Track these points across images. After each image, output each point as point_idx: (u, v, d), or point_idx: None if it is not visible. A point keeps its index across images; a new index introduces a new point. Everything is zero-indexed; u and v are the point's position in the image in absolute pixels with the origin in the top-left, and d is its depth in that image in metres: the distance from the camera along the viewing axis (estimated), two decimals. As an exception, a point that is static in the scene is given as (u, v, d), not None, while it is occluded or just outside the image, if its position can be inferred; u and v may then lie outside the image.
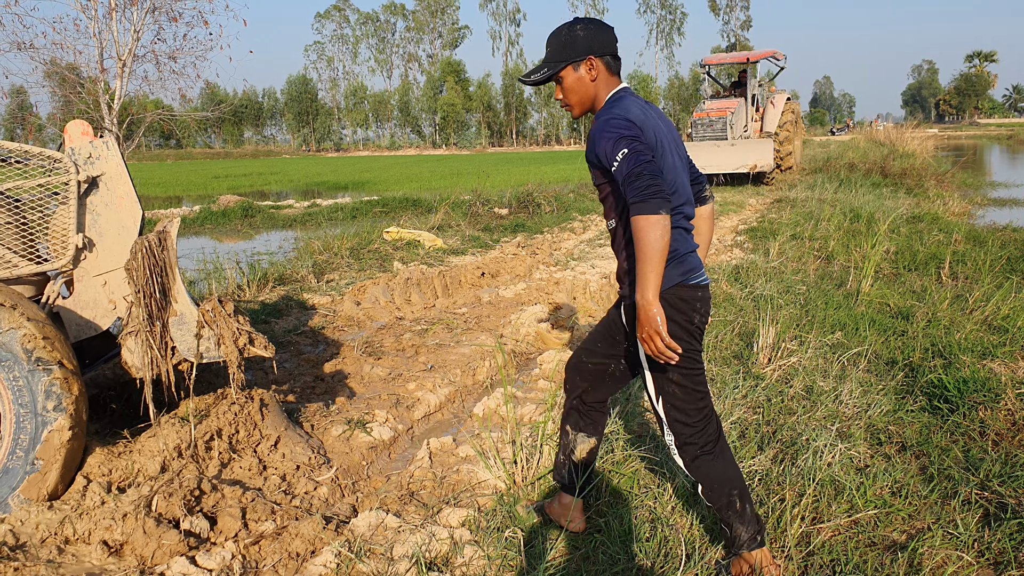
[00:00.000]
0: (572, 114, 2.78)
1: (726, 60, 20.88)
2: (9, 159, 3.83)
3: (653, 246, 2.29)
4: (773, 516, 3.11)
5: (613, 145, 2.42)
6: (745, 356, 5.15)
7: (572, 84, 2.68)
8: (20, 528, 3.05)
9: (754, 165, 17.62)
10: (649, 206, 2.29)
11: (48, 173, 3.77)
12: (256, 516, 3.21)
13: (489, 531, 3.03)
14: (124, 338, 3.59)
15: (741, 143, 17.89)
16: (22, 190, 3.82)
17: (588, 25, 2.65)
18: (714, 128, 18.44)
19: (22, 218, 3.81)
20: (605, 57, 2.66)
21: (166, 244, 3.32)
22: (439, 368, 5.36)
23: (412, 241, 10.42)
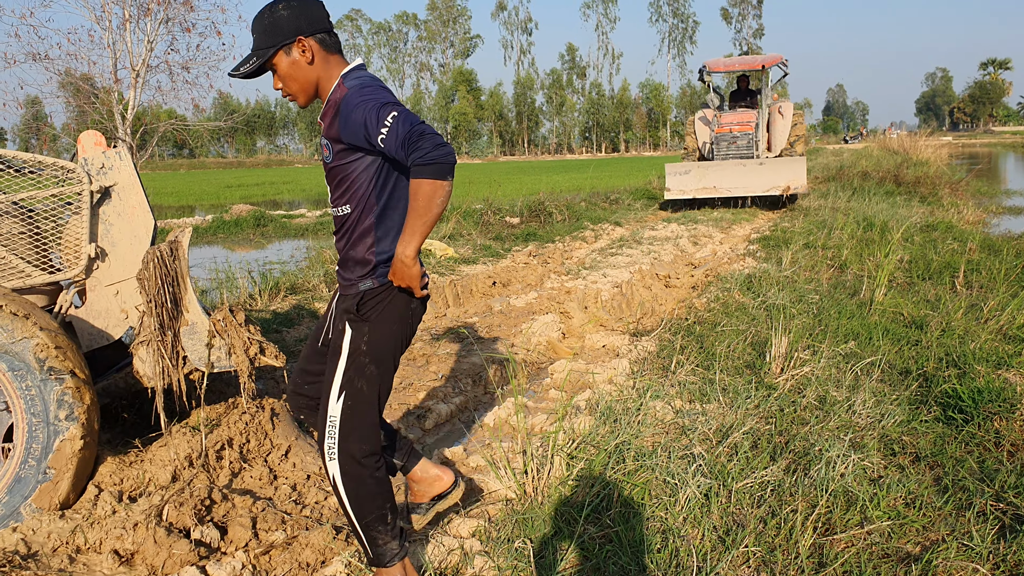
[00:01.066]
0: (298, 103, 2.57)
1: (735, 66, 18.28)
2: (23, 169, 3.85)
3: (433, 211, 2.24)
4: (785, 527, 3.08)
5: (377, 113, 2.26)
6: (757, 366, 5.12)
7: (287, 70, 2.47)
8: (32, 537, 3.06)
9: (787, 187, 15.22)
10: (439, 170, 2.20)
11: (61, 183, 3.80)
12: (267, 526, 3.21)
13: (500, 541, 3.02)
14: (136, 348, 3.60)
15: (770, 162, 15.64)
16: (36, 200, 3.85)
17: (291, 3, 2.43)
18: (739, 145, 16.44)
19: (35, 228, 3.84)
20: (318, 35, 2.47)
21: (177, 254, 3.33)
22: (450, 377, 5.36)
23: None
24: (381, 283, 2.47)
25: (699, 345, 5.60)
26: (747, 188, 15.59)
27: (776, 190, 15.30)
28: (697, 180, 15.73)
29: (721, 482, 3.43)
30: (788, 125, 17.05)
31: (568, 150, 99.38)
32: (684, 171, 15.87)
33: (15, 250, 3.72)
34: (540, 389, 5.16)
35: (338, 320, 2.55)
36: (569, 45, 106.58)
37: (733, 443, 3.88)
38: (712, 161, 16.25)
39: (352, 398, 2.49)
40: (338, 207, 2.54)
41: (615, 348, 5.92)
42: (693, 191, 15.75)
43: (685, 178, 15.84)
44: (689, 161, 16.93)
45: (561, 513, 3.21)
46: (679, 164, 16.13)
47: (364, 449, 2.52)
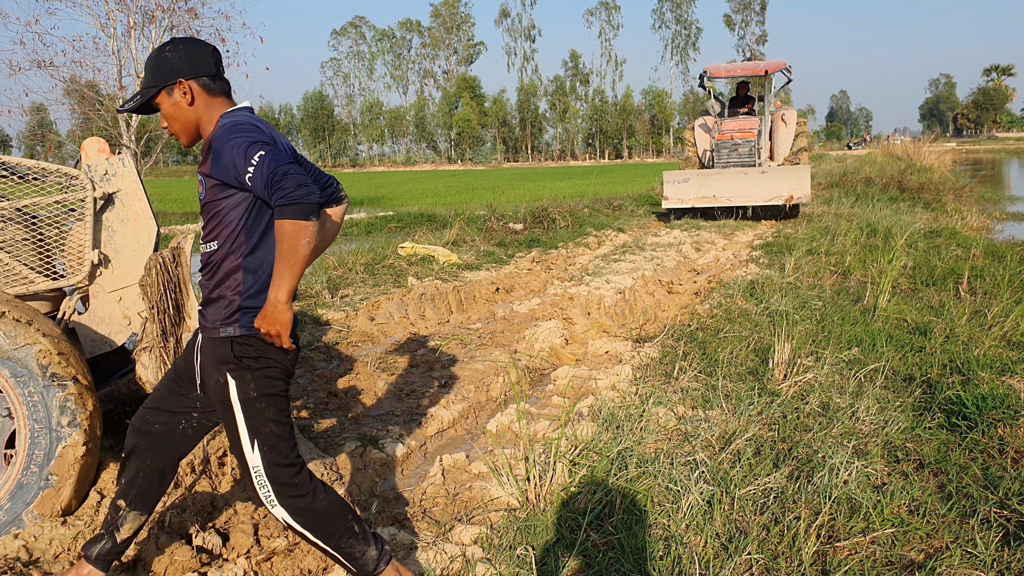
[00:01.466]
0: (182, 143, 2.61)
1: (737, 71, 17.31)
2: (27, 176, 3.86)
3: (300, 253, 2.23)
4: (788, 535, 3.07)
5: (245, 152, 2.29)
6: (760, 372, 5.11)
7: (169, 110, 2.52)
8: (33, 544, 3.06)
9: (790, 196, 14.44)
10: (301, 210, 2.20)
11: (65, 190, 3.81)
12: (268, 532, 3.21)
13: (502, 548, 3.01)
14: (139, 354, 3.60)
15: (773, 170, 14.90)
16: (39, 207, 3.86)
17: (178, 46, 2.51)
18: (740, 153, 15.60)
19: (39, 234, 3.85)
20: (200, 79, 2.50)
21: (180, 260, 3.34)
22: (453, 384, 5.35)
23: (426, 256, 10.45)
24: (248, 331, 2.44)
25: (702, 351, 5.59)
26: (748, 197, 14.92)
27: (778, 200, 14.59)
28: (696, 188, 15.21)
29: (724, 489, 3.42)
30: (791, 133, 16.24)
31: (571, 156, 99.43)
32: (683, 179, 15.34)
33: (19, 256, 3.73)
34: (543, 395, 5.16)
35: (213, 371, 2.50)
36: (572, 52, 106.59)
37: (736, 450, 3.87)
38: (712, 169, 15.63)
39: (266, 442, 2.49)
40: (207, 243, 2.53)
41: (618, 354, 5.91)
42: (692, 200, 15.25)
43: (684, 186, 15.30)
44: (689, 169, 16.35)
45: (563, 520, 3.21)
46: (678, 172, 15.61)
47: (297, 478, 2.52)
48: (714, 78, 16.52)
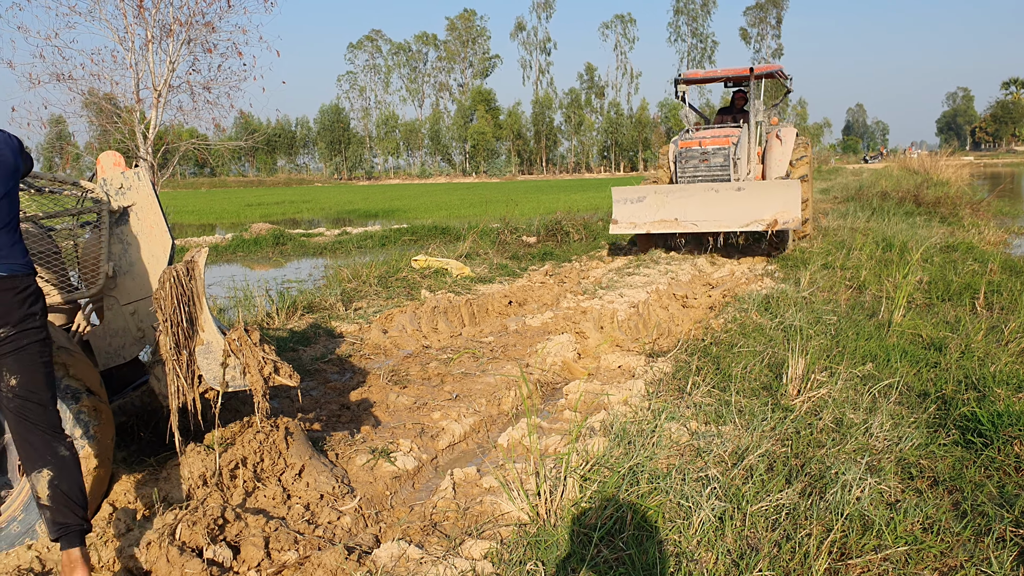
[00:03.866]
0: None
1: (716, 75, 13.92)
2: (42, 189, 3.91)
3: None
4: (800, 552, 3.05)
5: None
6: (774, 387, 5.08)
7: None
8: (46, 555, 3.08)
9: (774, 220, 11.03)
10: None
11: (80, 203, 3.85)
12: (279, 546, 3.21)
13: (512, 564, 3.00)
14: (152, 366, 3.63)
15: (752, 187, 11.40)
16: (55, 219, 3.90)
17: None
18: (710, 163, 12.18)
19: (54, 247, 3.88)
20: None
21: (194, 274, 3.36)
22: (464, 397, 5.36)
23: (440, 269, 10.47)
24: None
25: (715, 366, 5.57)
26: (719, 221, 11.42)
27: (759, 225, 11.14)
28: (654, 209, 11.73)
29: (736, 505, 3.40)
30: (788, 153, 12.96)
31: (586, 169, 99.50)
32: (637, 197, 11.84)
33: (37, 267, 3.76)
34: (554, 410, 5.15)
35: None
36: (588, 65, 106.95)
37: (748, 466, 3.85)
38: (675, 185, 12.15)
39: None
40: None
41: (631, 369, 5.90)
42: (648, 224, 11.75)
43: (638, 207, 11.83)
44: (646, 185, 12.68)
45: (574, 535, 3.20)
46: (630, 188, 12.05)
47: None
48: (689, 82, 13.80)
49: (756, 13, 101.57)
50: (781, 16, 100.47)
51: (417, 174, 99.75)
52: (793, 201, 11.07)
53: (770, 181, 12.01)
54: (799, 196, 11.12)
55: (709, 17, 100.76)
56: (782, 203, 11.12)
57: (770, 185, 11.46)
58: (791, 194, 11.10)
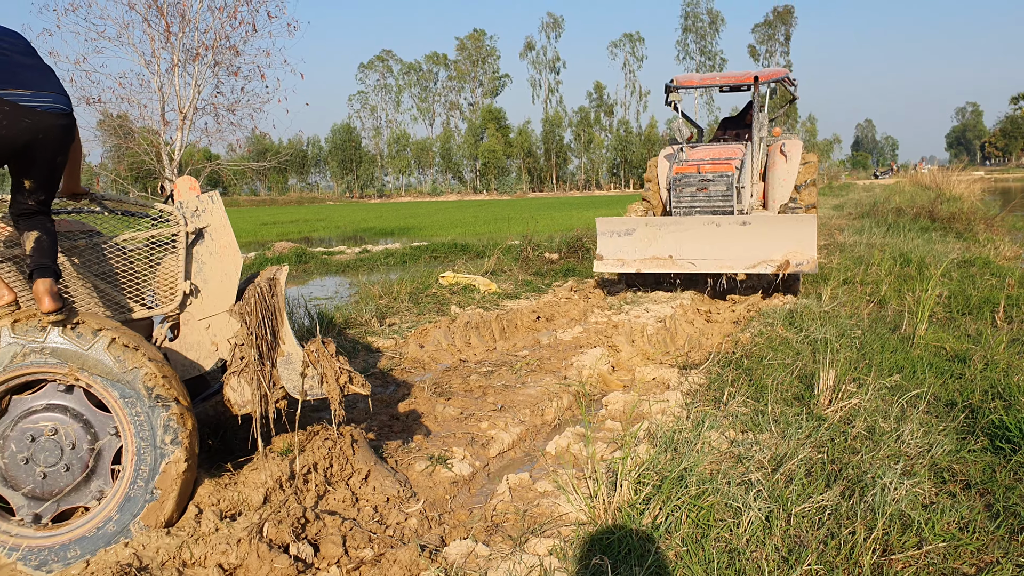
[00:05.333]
0: None
1: (715, 81, 11.81)
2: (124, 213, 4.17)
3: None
4: (845, 548, 3.26)
5: None
6: (806, 398, 5.29)
7: None
8: (142, 552, 3.31)
9: (785, 262, 9.33)
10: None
11: (159, 225, 4.11)
12: (356, 544, 3.44)
13: (576, 559, 3.22)
14: (228, 377, 3.87)
15: (759, 220, 9.62)
16: (135, 241, 4.16)
17: None
18: (710, 192, 10.50)
19: (134, 267, 4.14)
20: None
21: (276, 290, 3.60)
22: (508, 408, 5.58)
23: (468, 286, 10.71)
24: None
25: (748, 378, 5.78)
26: (721, 261, 9.69)
27: (767, 266, 9.41)
28: (644, 244, 10.01)
29: (781, 506, 3.61)
30: (794, 171, 11.16)
31: (596, 186, 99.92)
32: (625, 230, 10.11)
33: (119, 287, 4.02)
34: (595, 420, 5.37)
35: None
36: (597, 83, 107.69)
37: (788, 471, 4.06)
38: (670, 217, 10.29)
39: None
40: None
41: (665, 381, 6.12)
42: (637, 262, 10.00)
43: (626, 241, 10.10)
44: (637, 216, 11.15)
45: (632, 533, 3.41)
46: (618, 219, 10.29)
47: None
48: (682, 89, 11.74)
49: (764, 30, 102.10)
50: (790, 33, 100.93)
51: (428, 192, 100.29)
52: (808, 239, 9.34)
53: (782, 216, 10.10)
54: (815, 233, 9.37)
55: (717, 35, 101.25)
56: (795, 241, 9.38)
57: (781, 220, 9.68)
58: (806, 231, 9.36)
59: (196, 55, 16.61)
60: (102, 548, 3.38)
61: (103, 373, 3.43)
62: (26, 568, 3.36)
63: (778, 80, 11.45)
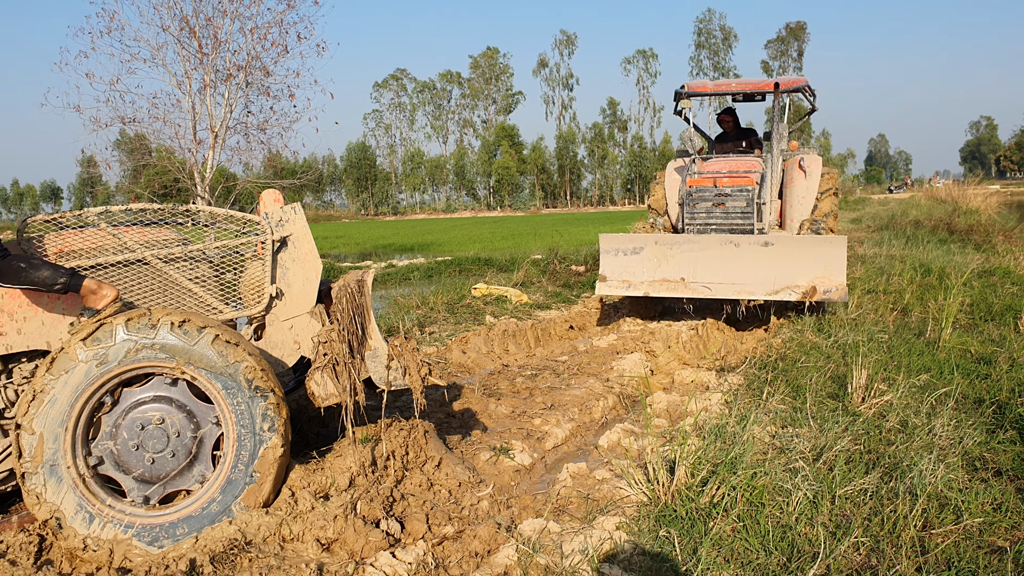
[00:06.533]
0: None
1: (730, 88, 10.73)
2: (215, 223, 4.53)
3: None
4: (888, 524, 3.56)
5: None
6: (840, 396, 5.59)
7: None
8: (246, 528, 3.65)
9: (812, 288, 8.32)
10: None
11: (247, 234, 4.47)
12: (437, 521, 3.77)
13: (643, 533, 3.53)
14: (312, 372, 4.21)
15: (783, 242, 8.61)
16: (223, 248, 4.52)
17: None
18: (728, 208, 9.62)
19: (221, 272, 4.50)
20: None
21: (363, 290, 3.95)
22: (557, 407, 5.90)
23: (500, 297, 11.06)
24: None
25: (784, 379, 6.09)
26: (739, 286, 8.59)
27: (791, 293, 8.37)
28: (653, 265, 8.89)
29: (826, 488, 3.91)
30: (814, 188, 10.13)
31: (610, 202, 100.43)
32: (632, 248, 9.00)
33: (210, 290, 4.38)
34: (642, 418, 5.68)
35: None
36: (610, 99, 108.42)
37: (828, 460, 4.36)
38: (682, 235, 9.05)
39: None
40: None
41: (703, 383, 6.43)
42: (646, 284, 8.84)
43: (633, 261, 8.99)
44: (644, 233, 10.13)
45: (691, 511, 3.72)
46: (624, 236, 9.14)
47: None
48: (694, 95, 10.60)
49: (777, 46, 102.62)
50: (802, 49, 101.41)
51: (442, 209, 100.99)
52: (837, 263, 8.35)
53: (808, 237, 8.94)
54: (844, 257, 8.39)
55: (731, 51, 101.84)
56: (823, 265, 8.37)
57: (808, 242, 8.64)
58: (835, 254, 8.35)
59: (228, 75, 17.10)
60: (207, 526, 3.71)
61: (208, 367, 3.77)
62: (140, 543, 3.69)
63: (799, 89, 10.43)
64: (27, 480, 3.65)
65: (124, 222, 4.28)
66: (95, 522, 3.70)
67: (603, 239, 9.14)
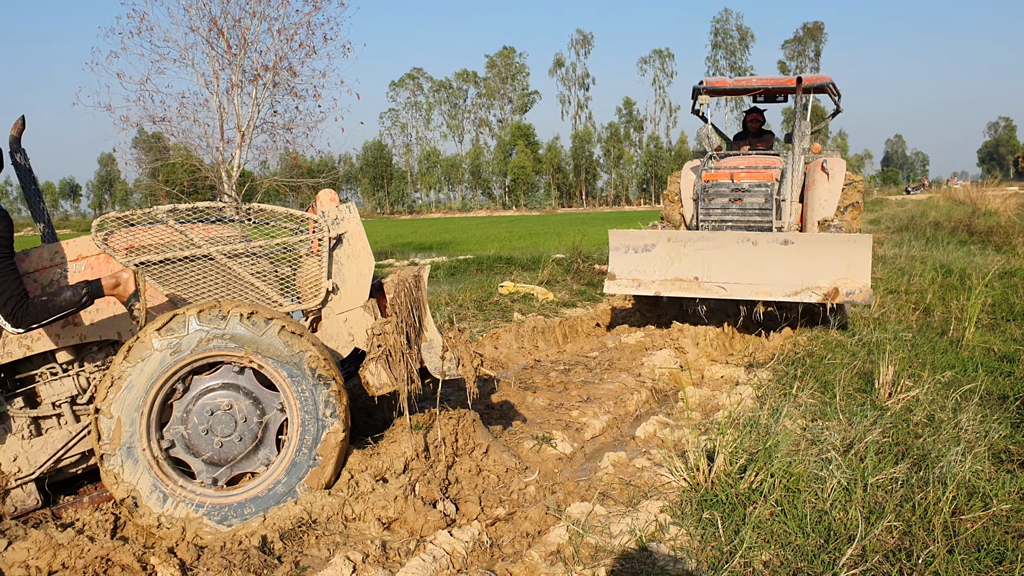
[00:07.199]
0: None
1: (751, 85, 10.39)
2: (271, 221, 4.76)
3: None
4: (919, 509, 3.75)
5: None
6: (867, 391, 5.77)
7: None
8: (310, 508, 3.88)
9: (834, 289, 7.85)
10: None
11: (304, 232, 4.69)
12: (489, 503, 3.99)
13: (688, 515, 3.74)
14: (366, 363, 4.43)
15: (805, 240, 8.17)
16: (280, 245, 4.75)
17: None
18: (745, 204, 9.18)
19: (278, 268, 4.73)
20: None
21: (420, 285, 4.17)
22: (592, 400, 6.11)
23: (526, 294, 11.27)
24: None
25: (812, 374, 6.27)
26: (756, 287, 8.14)
27: (812, 294, 7.89)
28: (665, 263, 8.52)
29: (858, 476, 4.10)
30: (837, 192, 9.61)
31: (626, 202, 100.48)
32: (643, 246, 8.66)
33: (270, 285, 4.61)
34: (674, 411, 5.88)
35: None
36: (626, 99, 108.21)
37: (859, 451, 4.55)
38: (695, 231, 8.95)
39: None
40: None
41: (733, 378, 6.62)
42: (657, 283, 8.48)
43: (643, 259, 8.64)
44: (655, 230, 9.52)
45: (731, 497, 3.92)
46: (634, 233, 8.88)
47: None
48: (714, 93, 10.45)
49: (795, 46, 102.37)
50: (820, 49, 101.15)
51: (458, 208, 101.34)
52: (862, 264, 7.85)
53: (831, 235, 8.43)
54: (869, 257, 7.86)
55: (747, 51, 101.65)
56: (846, 265, 7.89)
57: (831, 240, 8.15)
58: (859, 254, 7.85)
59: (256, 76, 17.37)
60: (274, 506, 3.94)
61: (274, 356, 4.00)
62: (210, 522, 3.92)
63: (822, 87, 9.99)
64: (105, 461, 3.89)
65: (190, 219, 4.51)
66: (168, 501, 3.94)
67: (613, 235, 8.81)
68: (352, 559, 3.40)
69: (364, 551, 3.51)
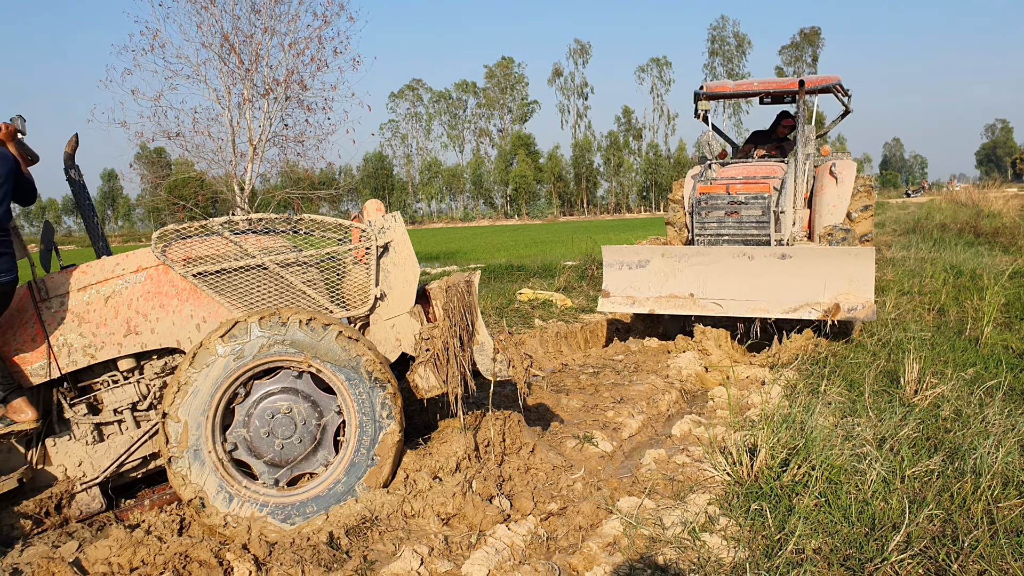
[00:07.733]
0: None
1: (752, 88, 10.05)
2: (322, 231, 4.93)
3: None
4: (958, 498, 3.90)
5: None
6: (892, 389, 5.93)
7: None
8: (370, 506, 4.04)
9: (835, 305, 7.53)
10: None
11: (348, 241, 4.86)
12: (541, 499, 4.14)
13: (735, 507, 3.89)
14: (415, 367, 4.59)
15: (804, 254, 7.85)
16: (329, 254, 4.91)
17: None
18: (742, 217, 8.79)
19: (326, 276, 4.89)
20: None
21: (471, 290, 4.34)
22: (625, 401, 6.27)
23: (545, 301, 11.43)
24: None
25: (838, 373, 6.43)
26: (753, 303, 7.84)
27: (812, 311, 7.59)
28: (659, 279, 8.35)
29: (896, 468, 4.26)
30: (846, 196, 9.43)
31: (626, 209, 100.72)
32: (637, 262, 8.48)
33: (320, 293, 4.78)
34: (704, 411, 6.04)
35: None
36: (625, 108, 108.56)
37: (892, 445, 4.71)
38: (691, 247, 8.44)
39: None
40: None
41: (758, 378, 6.78)
42: (651, 300, 8.27)
43: (638, 275, 8.46)
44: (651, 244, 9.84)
45: (775, 489, 4.08)
46: (628, 248, 8.64)
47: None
48: (715, 98, 10.19)
49: (792, 52, 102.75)
50: (817, 54, 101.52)
51: (460, 217, 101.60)
52: (864, 278, 7.55)
53: (831, 248, 8.08)
54: (872, 271, 7.56)
55: (744, 57, 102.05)
56: (848, 280, 7.60)
57: (830, 254, 7.80)
58: (861, 268, 7.55)
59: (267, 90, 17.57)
60: (334, 504, 4.10)
61: (332, 360, 4.17)
62: (274, 521, 4.08)
63: (828, 88, 9.61)
64: (173, 463, 4.05)
65: (243, 230, 4.68)
66: (234, 501, 4.10)
67: (606, 251, 8.62)
68: (419, 552, 3.55)
69: (428, 544, 3.66)
